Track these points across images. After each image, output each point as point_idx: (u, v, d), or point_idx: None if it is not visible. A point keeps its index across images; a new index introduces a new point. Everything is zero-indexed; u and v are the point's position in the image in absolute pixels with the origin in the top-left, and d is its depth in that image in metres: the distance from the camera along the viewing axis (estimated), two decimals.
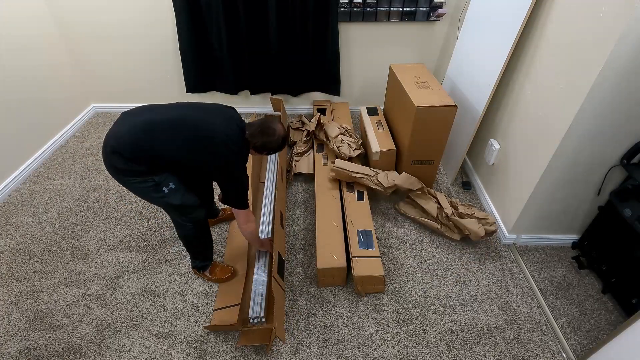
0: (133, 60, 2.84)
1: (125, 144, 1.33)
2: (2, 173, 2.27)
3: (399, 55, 2.82)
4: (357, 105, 3.03)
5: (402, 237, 2.03)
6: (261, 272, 1.72)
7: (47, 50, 2.58)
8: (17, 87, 2.34)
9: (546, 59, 1.67)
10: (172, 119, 1.37)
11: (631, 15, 1.22)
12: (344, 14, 2.59)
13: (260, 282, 1.67)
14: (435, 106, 1.95)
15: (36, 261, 1.87)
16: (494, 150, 2.06)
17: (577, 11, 1.47)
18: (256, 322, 1.53)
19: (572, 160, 1.62)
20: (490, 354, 1.53)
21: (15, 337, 1.56)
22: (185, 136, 1.35)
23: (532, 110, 1.76)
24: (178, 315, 1.64)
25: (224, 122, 1.42)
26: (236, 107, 3.37)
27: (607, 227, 1.73)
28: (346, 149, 2.29)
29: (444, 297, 1.74)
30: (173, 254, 1.90)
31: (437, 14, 2.59)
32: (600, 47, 1.34)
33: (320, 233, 1.84)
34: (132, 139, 1.33)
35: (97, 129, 2.91)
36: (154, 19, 2.64)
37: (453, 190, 2.37)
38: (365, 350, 1.53)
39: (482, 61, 2.06)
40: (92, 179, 2.40)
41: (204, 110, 1.45)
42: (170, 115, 1.38)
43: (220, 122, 1.41)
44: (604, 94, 1.40)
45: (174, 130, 1.35)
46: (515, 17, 1.77)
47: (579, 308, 1.69)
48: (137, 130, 1.34)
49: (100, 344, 1.54)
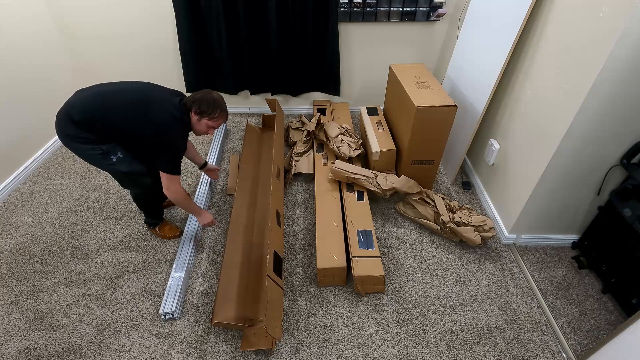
0: (133, 60, 2.84)
1: (76, 110, 1.49)
2: (2, 173, 2.27)
3: (399, 55, 2.82)
4: (357, 105, 3.03)
5: (402, 237, 2.03)
6: (179, 270, 1.75)
7: (47, 50, 2.58)
8: (17, 87, 2.34)
9: (546, 59, 1.67)
10: (120, 89, 1.57)
11: (631, 15, 1.22)
12: (344, 14, 2.59)
13: (177, 278, 1.71)
14: (435, 106, 1.95)
15: (36, 261, 1.87)
16: (494, 150, 2.06)
17: (577, 11, 1.47)
18: (167, 317, 1.62)
19: (572, 160, 1.62)
20: (490, 354, 1.53)
21: (15, 337, 1.56)
22: (129, 102, 1.52)
23: (532, 110, 1.76)
24: (178, 315, 1.64)
25: (167, 92, 1.63)
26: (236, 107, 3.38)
27: (607, 227, 1.73)
28: (346, 149, 2.29)
29: (444, 297, 1.74)
30: None
31: (437, 14, 2.59)
32: (600, 47, 1.34)
33: (320, 233, 1.84)
34: (84, 106, 1.50)
35: None
36: (154, 19, 2.64)
37: (453, 190, 2.37)
38: (365, 350, 1.53)
39: (482, 61, 2.06)
40: (92, 179, 2.40)
41: (151, 85, 1.65)
42: (119, 87, 1.58)
43: (164, 92, 1.62)
44: (604, 94, 1.40)
45: (121, 99, 1.53)
46: (515, 17, 1.77)
47: (579, 308, 1.69)
48: (87, 99, 1.52)
49: (100, 344, 1.54)
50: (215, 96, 1.63)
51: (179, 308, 1.66)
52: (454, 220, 1.94)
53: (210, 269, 1.85)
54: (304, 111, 3.14)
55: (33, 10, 2.45)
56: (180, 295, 1.67)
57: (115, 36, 2.72)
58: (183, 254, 1.84)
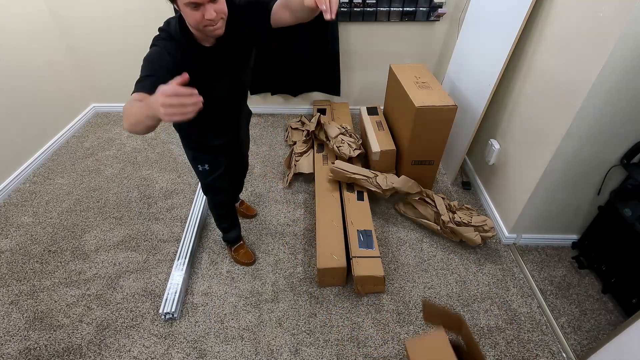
0: (133, 60, 2.82)
1: None
2: (2, 173, 2.27)
3: (399, 55, 2.82)
4: (357, 105, 3.03)
5: (402, 237, 2.03)
6: (179, 269, 1.74)
7: (47, 50, 2.58)
8: (17, 87, 2.34)
9: (546, 59, 1.67)
10: None
11: (631, 15, 1.22)
12: (344, 14, 2.59)
13: (177, 278, 1.70)
14: (435, 106, 1.95)
15: (36, 261, 1.87)
16: (494, 150, 2.06)
17: (577, 11, 1.47)
18: (168, 317, 1.61)
19: (572, 160, 1.62)
20: (490, 354, 1.53)
21: (15, 337, 1.56)
22: None
23: (532, 110, 1.76)
24: (178, 315, 1.64)
25: None
26: None
27: (607, 227, 1.73)
28: (346, 149, 2.29)
29: (444, 297, 1.74)
30: None
31: (437, 14, 2.59)
32: (600, 47, 1.34)
33: (321, 233, 1.84)
34: None
35: (97, 129, 2.91)
36: (154, 19, 2.63)
37: (453, 190, 2.37)
38: (365, 350, 1.53)
39: (482, 61, 2.06)
40: (92, 179, 2.40)
41: None
42: None
43: None
44: (604, 94, 1.40)
45: None
46: (515, 17, 1.77)
47: (579, 308, 1.69)
48: None
49: (100, 344, 1.54)
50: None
51: (179, 308, 1.66)
52: (454, 220, 1.94)
53: (210, 269, 1.85)
54: (304, 111, 3.14)
55: (33, 10, 2.45)
56: (180, 295, 1.67)
57: (115, 36, 2.72)
58: (183, 254, 1.84)
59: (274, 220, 2.12)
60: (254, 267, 1.86)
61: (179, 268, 1.77)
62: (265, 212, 2.17)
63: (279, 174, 2.47)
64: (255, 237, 2.02)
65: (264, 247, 1.96)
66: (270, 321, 1.63)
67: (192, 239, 1.92)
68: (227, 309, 1.67)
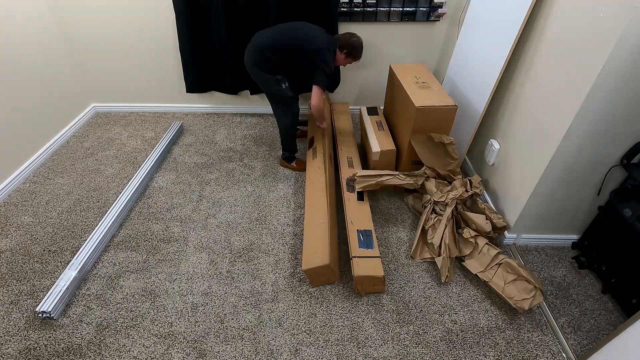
0: (133, 60, 2.84)
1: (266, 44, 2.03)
2: (2, 173, 2.27)
3: (399, 55, 2.82)
4: (357, 105, 3.03)
5: (402, 237, 2.03)
6: (73, 268, 1.71)
7: (47, 50, 2.58)
8: (17, 87, 2.34)
9: (546, 59, 1.67)
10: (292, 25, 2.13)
11: (631, 15, 1.22)
12: (344, 14, 2.59)
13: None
14: (435, 106, 1.96)
15: (36, 261, 1.87)
16: (494, 150, 2.06)
17: (577, 11, 1.48)
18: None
19: (572, 160, 1.62)
20: (490, 354, 1.53)
21: (15, 337, 1.56)
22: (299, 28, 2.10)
23: (532, 110, 1.76)
24: (178, 315, 1.64)
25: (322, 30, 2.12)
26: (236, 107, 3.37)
27: (607, 227, 1.73)
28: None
29: (444, 297, 1.74)
30: None
31: (437, 14, 2.59)
32: (600, 47, 1.34)
33: (307, 232, 1.83)
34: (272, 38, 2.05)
35: (97, 129, 2.91)
36: (154, 19, 2.64)
37: None
38: (365, 350, 1.53)
39: (482, 61, 2.06)
40: (92, 179, 2.40)
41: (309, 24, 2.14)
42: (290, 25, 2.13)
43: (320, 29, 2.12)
44: (604, 94, 1.40)
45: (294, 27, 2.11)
46: (515, 17, 1.77)
47: (579, 308, 1.69)
48: (274, 32, 2.08)
49: (100, 344, 1.54)
50: (361, 42, 2.14)
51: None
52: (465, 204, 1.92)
53: (210, 269, 1.85)
54: (304, 111, 3.14)
55: (33, 10, 2.45)
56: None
57: (115, 36, 2.72)
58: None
59: (274, 220, 2.12)
60: (254, 267, 1.86)
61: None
62: (266, 212, 2.17)
63: (279, 174, 2.47)
64: (256, 237, 2.02)
65: (264, 247, 1.96)
66: (270, 321, 1.63)
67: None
68: (227, 309, 1.67)
